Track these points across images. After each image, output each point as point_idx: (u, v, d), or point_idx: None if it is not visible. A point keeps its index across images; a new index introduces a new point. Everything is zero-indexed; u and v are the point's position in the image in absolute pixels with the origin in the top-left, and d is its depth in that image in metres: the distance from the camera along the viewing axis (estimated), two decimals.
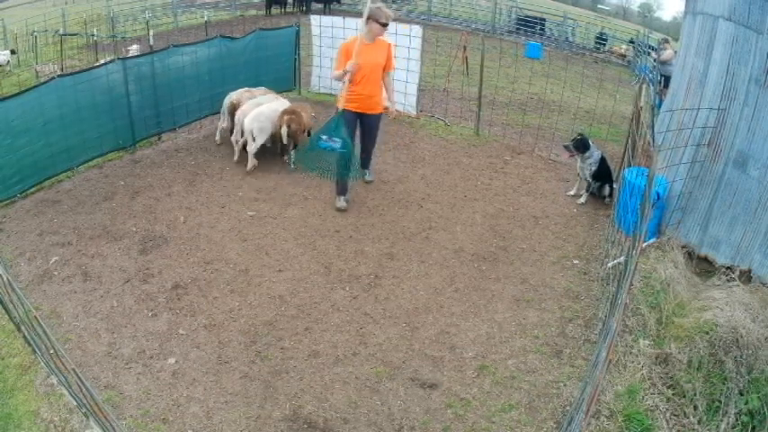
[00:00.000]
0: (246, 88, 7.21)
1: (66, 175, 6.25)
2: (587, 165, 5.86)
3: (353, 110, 5.32)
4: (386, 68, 5.41)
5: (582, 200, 6.04)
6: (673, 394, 3.43)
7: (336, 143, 4.92)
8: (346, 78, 5.01)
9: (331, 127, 5.00)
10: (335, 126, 4.98)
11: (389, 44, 5.46)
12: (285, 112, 6.33)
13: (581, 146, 5.80)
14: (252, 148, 6.40)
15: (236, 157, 6.71)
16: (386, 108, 5.59)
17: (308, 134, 6.50)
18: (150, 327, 4.02)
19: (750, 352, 3.45)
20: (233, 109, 6.81)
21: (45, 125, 5.78)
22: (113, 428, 2.43)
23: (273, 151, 7.04)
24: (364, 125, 5.54)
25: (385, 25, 5.19)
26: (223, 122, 7.18)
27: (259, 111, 6.39)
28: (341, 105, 5.11)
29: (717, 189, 4.70)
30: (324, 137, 4.97)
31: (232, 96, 7.00)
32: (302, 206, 5.74)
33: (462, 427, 3.31)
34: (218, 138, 7.33)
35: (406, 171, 6.59)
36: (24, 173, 5.73)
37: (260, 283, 4.52)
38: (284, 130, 6.19)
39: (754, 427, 3.23)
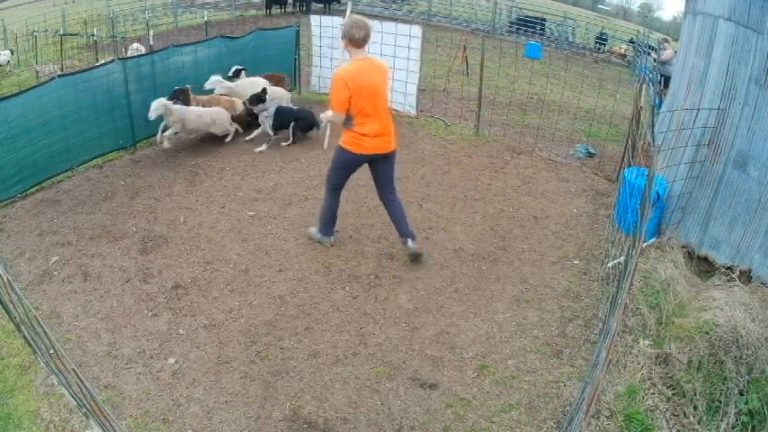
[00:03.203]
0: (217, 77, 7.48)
1: (66, 175, 6.25)
2: (265, 118, 6.96)
3: None
4: None
5: (262, 148, 6.94)
6: (673, 394, 3.43)
7: None
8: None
9: None
10: None
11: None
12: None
13: (256, 100, 6.88)
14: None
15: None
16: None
17: None
18: (150, 327, 4.02)
19: (750, 352, 3.45)
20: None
21: (45, 125, 5.79)
22: (113, 428, 2.43)
23: (271, 152, 7.03)
24: None
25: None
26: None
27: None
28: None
29: (717, 189, 4.70)
30: None
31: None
32: (302, 206, 5.74)
33: (462, 427, 3.31)
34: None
35: (406, 171, 6.58)
36: (24, 173, 5.73)
37: (260, 283, 4.52)
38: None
39: (754, 427, 3.24)
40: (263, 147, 6.95)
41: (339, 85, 4.04)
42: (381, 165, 4.51)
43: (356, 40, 4.02)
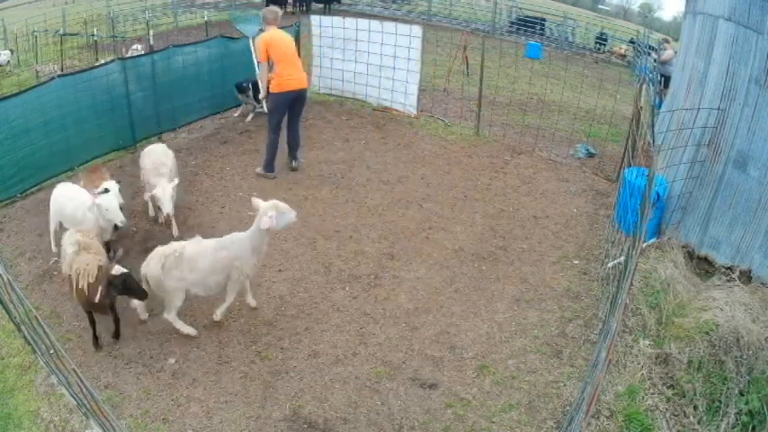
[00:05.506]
0: None
1: (67, 176, 6.23)
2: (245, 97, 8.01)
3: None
4: None
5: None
6: (673, 394, 3.44)
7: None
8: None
9: None
10: None
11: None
12: None
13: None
14: None
15: None
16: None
17: None
18: (150, 327, 4.01)
19: (750, 352, 3.45)
20: None
21: (45, 125, 5.79)
22: (113, 428, 2.43)
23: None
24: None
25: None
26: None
27: None
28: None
29: (717, 189, 4.70)
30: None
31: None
32: (302, 206, 5.73)
33: (462, 427, 3.31)
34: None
35: (406, 171, 6.59)
36: (24, 173, 5.73)
37: (260, 284, 4.52)
38: None
39: (754, 427, 3.24)
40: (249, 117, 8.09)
41: (261, 44, 6.05)
42: (297, 103, 6.20)
43: (268, 19, 6.14)
